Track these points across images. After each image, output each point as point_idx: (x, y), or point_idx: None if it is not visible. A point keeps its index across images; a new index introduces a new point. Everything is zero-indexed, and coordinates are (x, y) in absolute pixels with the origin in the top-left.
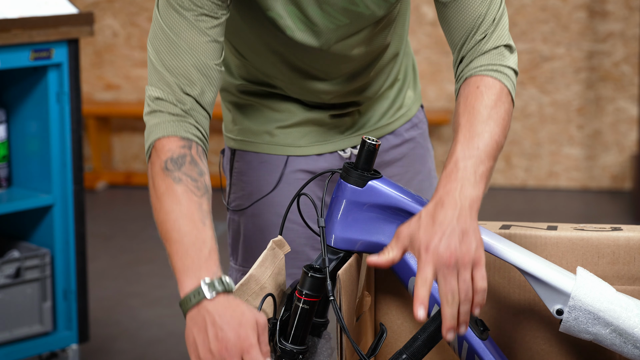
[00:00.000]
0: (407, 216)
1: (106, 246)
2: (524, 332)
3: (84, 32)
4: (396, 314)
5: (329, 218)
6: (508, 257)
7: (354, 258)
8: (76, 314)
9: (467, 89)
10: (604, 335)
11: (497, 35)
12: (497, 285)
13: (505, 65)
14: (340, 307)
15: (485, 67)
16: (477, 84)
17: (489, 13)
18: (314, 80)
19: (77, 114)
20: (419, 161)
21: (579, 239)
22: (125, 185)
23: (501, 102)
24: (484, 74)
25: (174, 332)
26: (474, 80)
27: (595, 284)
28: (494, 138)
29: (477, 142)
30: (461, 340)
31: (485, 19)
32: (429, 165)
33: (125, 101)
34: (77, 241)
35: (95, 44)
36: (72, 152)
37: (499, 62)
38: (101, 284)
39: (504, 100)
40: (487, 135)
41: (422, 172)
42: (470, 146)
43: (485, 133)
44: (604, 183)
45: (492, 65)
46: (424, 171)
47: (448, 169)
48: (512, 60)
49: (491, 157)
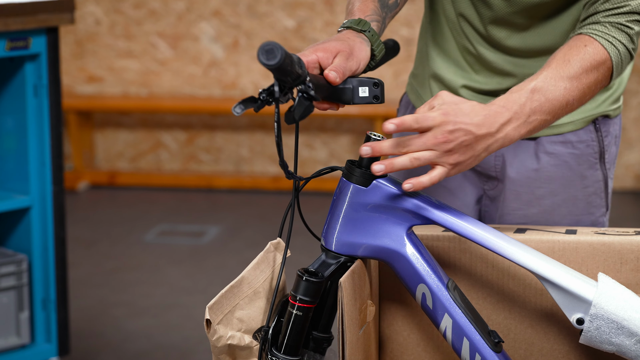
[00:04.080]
0: (415, 218)
1: (88, 252)
2: (541, 344)
3: (64, 19)
4: (402, 324)
5: (329, 220)
6: (524, 262)
7: (358, 264)
8: (56, 325)
9: (577, 42)
10: (628, 347)
11: (632, 6)
12: (512, 293)
13: (623, 43)
14: (342, 317)
15: (604, 33)
16: (586, 43)
17: None
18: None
19: (56, 109)
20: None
21: (600, 243)
22: (108, 185)
23: (597, 71)
24: (599, 39)
25: (162, 344)
26: (587, 39)
27: (618, 291)
28: (567, 97)
29: (549, 91)
30: (473, 353)
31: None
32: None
33: (109, 95)
34: (57, 246)
35: (76, 32)
36: (51, 149)
37: (620, 38)
38: (83, 293)
39: (601, 71)
40: (562, 91)
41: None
42: (542, 91)
43: (561, 88)
44: (627, 183)
45: (611, 36)
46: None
47: (514, 94)
48: (632, 41)
49: (552, 113)
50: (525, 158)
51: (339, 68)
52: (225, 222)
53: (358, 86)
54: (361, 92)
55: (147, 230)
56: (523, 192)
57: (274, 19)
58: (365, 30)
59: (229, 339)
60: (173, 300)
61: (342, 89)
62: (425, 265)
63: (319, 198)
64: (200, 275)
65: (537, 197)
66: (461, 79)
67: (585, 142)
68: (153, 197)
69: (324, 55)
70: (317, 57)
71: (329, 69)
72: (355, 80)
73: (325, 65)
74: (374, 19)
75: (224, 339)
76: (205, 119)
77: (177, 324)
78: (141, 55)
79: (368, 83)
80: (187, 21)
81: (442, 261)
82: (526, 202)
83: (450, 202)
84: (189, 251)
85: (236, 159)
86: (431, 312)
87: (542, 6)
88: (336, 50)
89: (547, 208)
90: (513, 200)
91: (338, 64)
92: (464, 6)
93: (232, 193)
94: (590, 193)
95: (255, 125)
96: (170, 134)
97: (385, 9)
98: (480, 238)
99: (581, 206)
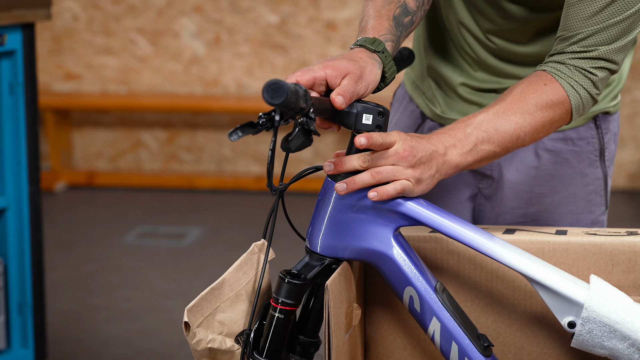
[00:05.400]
0: (401, 219)
1: (66, 254)
2: (531, 347)
3: (41, 15)
4: (388, 328)
5: (314, 221)
6: (513, 264)
7: (344, 266)
8: (32, 329)
9: (537, 79)
10: (621, 350)
11: (600, 52)
12: (501, 295)
13: (586, 88)
14: (329, 320)
15: (566, 76)
16: (546, 81)
17: (602, 31)
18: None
19: (32, 107)
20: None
21: (591, 244)
22: (87, 186)
23: (552, 110)
24: (560, 80)
25: (142, 349)
26: (548, 78)
27: (610, 293)
28: (517, 132)
29: (499, 124)
30: (462, 358)
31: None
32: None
33: (87, 92)
34: (34, 249)
35: (53, 28)
36: (28, 149)
37: (583, 83)
38: (60, 297)
39: (557, 111)
40: (513, 125)
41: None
42: (492, 123)
43: (512, 122)
44: (620, 182)
45: (573, 80)
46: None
47: (459, 123)
48: (595, 86)
49: (501, 146)
50: (524, 155)
51: (346, 92)
52: (207, 224)
53: (362, 112)
54: (364, 119)
55: (126, 232)
56: (523, 190)
57: (256, 14)
58: (379, 52)
59: (209, 343)
60: (153, 304)
61: (346, 113)
62: (412, 267)
63: (305, 198)
64: (181, 279)
65: (537, 196)
66: (460, 77)
67: (585, 140)
68: (133, 197)
69: (332, 74)
70: (325, 74)
71: (336, 93)
72: (361, 106)
73: (333, 84)
74: (388, 38)
75: (204, 343)
76: (187, 117)
77: (158, 329)
78: (120, 52)
79: (373, 111)
80: (167, 17)
81: (429, 263)
82: (526, 201)
83: (444, 200)
84: (170, 253)
85: (218, 158)
86: (419, 315)
87: (542, 20)
88: (346, 71)
89: (547, 207)
90: (512, 200)
91: (346, 88)
92: (463, 16)
93: (214, 193)
94: (591, 191)
95: (238, 123)
96: (150, 133)
97: (400, 28)
98: (469, 239)
99: (581, 204)
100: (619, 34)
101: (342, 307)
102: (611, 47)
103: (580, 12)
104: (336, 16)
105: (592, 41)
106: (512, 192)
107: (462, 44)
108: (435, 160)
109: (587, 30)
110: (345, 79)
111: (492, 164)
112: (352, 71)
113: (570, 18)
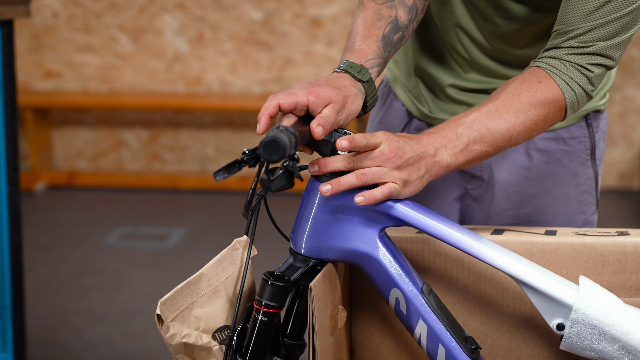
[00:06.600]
0: (387, 219)
1: (46, 256)
2: (519, 350)
3: (19, 12)
4: (374, 331)
5: (298, 222)
6: (501, 265)
7: (329, 268)
8: (11, 333)
9: (531, 76)
10: (611, 353)
11: (597, 48)
12: (489, 297)
13: (581, 85)
14: (313, 323)
15: (561, 73)
16: (540, 79)
17: (602, 26)
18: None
19: (11, 106)
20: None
21: (580, 245)
22: (67, 186)
23: (546, 108)
24: (555, 77)
25: (124, 352)
26: (543, 75)
27: (600, 295)
28: (510, 131)
29: (493, 123)
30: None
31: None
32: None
33: (67, 91)
34: (13, 250)
35: (32, 25)
36: (6, 149)
37: (578, 79)
38: (40, 299)
39: (551, 109)
40: (506, 124)
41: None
42: (484, 122)
43: (505, 121)
44: (611, 182)
45: (568, 77)
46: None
47: (451, 122)
48: (590, 83)
49: (493, 145)
50: (515, 156)
51: (327, 123)
52: (191, 225)
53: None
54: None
55: (108, 234)
56: (514, 191)
57: (240, 11)
58: (364, 81)
59: (184, 337)
60: (135, 306)
61: (323, 141)
62: (398, 268)
63: (289, 199)
64: (164, 281)
65: (528, 197)
66: (449, 77)
67: (577, 139)
68: (114, 198)
69: (315, 102)
70: (308, 100)
71: (317, 123)
72: (337, 135)
73: (314, 111)
74: (375, 63)
75: (179, 337)
76: (169, 116)
77: (140, 332)
78: (101, 50)
79: None
80: (149, 14)
81: (415, 264)
82: (517, 202)
83: (431, 201)
84: (152, 255)
85: (202, 158)
86: (405, 317)
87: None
88: (329, 99)
89: (539, 208)
90: (503, 201)
91: (327, 118)
92: (460, 16)
93: (197, 194)
94: (582, 191)
95: (222, 122)
96: (132, 132)
97: (388, 48)
98: (456, 240)
99: (573, 205)
100: (618, 30)
101: (327, 309)
102: (610, 42)
103: (581, 7)
104: (321, 13)
105: (590, 36)
106: (503, 194)
107: (456, 44)
108: (424, 161)
109: (586, 26)
110: (327, 108)
111: (482, 165)
112: (335, 100)
113: (569, 12)
